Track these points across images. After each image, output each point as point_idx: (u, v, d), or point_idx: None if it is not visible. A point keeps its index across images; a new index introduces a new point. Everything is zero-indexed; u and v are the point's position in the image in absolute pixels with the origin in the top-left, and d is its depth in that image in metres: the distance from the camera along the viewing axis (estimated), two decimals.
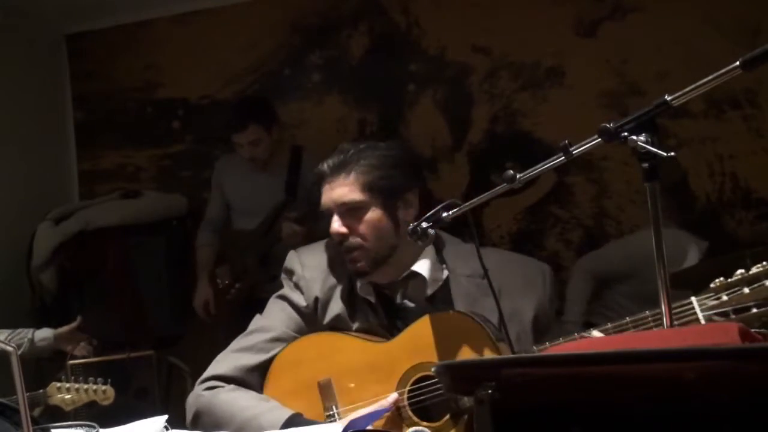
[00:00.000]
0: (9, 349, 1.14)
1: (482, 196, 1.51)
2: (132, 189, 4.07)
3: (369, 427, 1.45)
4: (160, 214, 3.91)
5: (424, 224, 1.53)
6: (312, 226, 3.19)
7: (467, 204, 1.52)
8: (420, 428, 1.49)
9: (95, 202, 4.00)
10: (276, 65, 4.10)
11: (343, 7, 4.02)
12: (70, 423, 1.49)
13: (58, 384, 2.62)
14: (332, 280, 1.72)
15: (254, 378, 1.67)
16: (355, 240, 1.64)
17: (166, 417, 1.44)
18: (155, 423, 1.43)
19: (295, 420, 1.55)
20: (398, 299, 1.71)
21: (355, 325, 1.68)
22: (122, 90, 4.31)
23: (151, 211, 3.90)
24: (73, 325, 2.93)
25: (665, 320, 1.19)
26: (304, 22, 4.07)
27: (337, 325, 1.69)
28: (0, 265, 3.74)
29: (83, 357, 2.98)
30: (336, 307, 1.69)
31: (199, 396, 1.66)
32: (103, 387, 2.66)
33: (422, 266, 1.69)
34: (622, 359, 0.78)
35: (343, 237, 1.65)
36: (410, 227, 1.53)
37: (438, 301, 1.68)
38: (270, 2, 4.10)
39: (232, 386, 1.65)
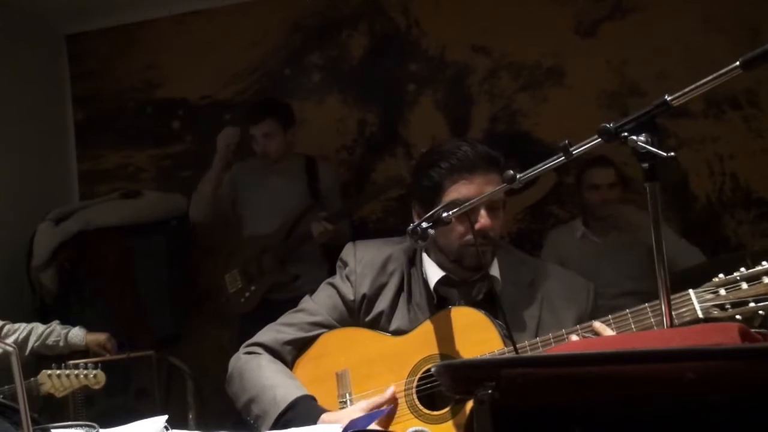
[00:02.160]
0: (9, 349, 1.14)
1: (482, 196, 1.51)
2: (132, 189, 4.07)
3: (369, 427, 1.45)
4: (160, 214, 3.91)
5: (424, 224, 1.53)
6: (340, 223, 3.35)
7: (467, 204, 1.52)
8: (420, 428, 1.49)
9: (95, 202, 4.00)
10: (276, 65, 4.10)
11: (343, 7, 4.02)
12: (70, 423, 1.49)
13: (49, 371, 2.61)
14: (382, 279, 1.76)
15: (288, 351, 1.78)
16: (495, 234, 1.66)
17: (166, 417, 1.44)
18: (155, 423, 1.42)
19: (302, 400, 1.64)
20: (455, 298, 1.74)
21: (394, 326, 1.73)
22: (122, 90, 4.32)
23: (151, 211, 3.90)
24: (102, 338, 3.01)
25: (665, 320, 1.19)
26: (304, 22, 4.07)
27: (377, 323, 1.74)
28: (0, 265, 3.74)
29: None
30: (381, 305, 1.74)
31: (238, 358, 1.78)
32: (94, 371, 2.64)
33: (496, 269, 1.72)
34: (622, 359, 0.77)
35: (489, 230, 1.65)
36: (410, 227, 1.53)
37: (484, 303, 1.69)
38: (270, 2, 4.10)
39: (268, 356, 1.76)
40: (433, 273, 1.72)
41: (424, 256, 1.76)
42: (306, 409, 1.63)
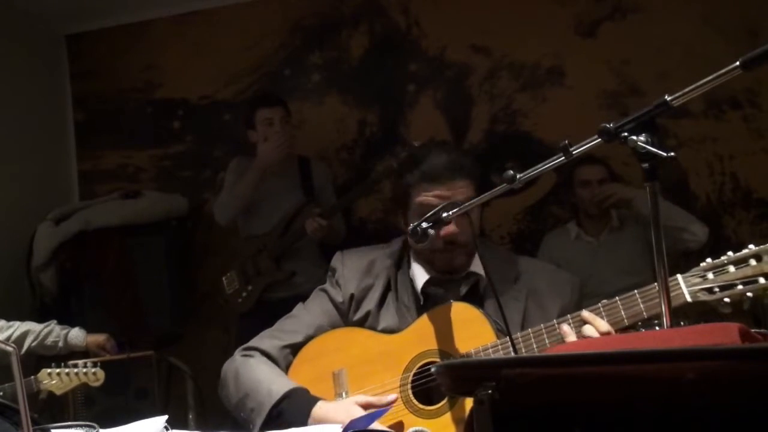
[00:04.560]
0: (9, 349, 1.14)
1: (482, 196, 1.51)
2: (132, 189, 4.07)
3: (369, 427, 1.45)
4: (160, 214, 3.91)
5: (424, 224, 1.54)
6: (334, 219, 3.37)
7: (467, 204, 1.52)
8: (421, 428, 1.50)
9: (95, 202, 4.00)
10: (276, 65, 4.10)
11: (343, 7, 4.02)
12: (70, 423, 1.49)
13: (48, 370, 2.62)
14: (368, 281, 1.83)
15: (284, 355, 1.83)
16: (463, 239, 1.71)
17: (166, 417, 1.44)
18: (155, 423, 1.42)
19: (297, 391, 1.68)
20: (442, 297, 1.77)
21: (382, 324, 1.77)
22: (122, 90, 4.31)
23: (151, 211, 3.90)
24: (101, 339, 3.04)
25: (665, 320, 1.19)
26: (304, 22, 4.07)
27: (365, 322, 1.80)
28: (0, 265, 3.74)
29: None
30: (368, 305, 1.81)
31: (233, 360, 1.83)
32: (93, 369, 2.64)
33: (478, 266, 1.75)
34: (622, 359, 0.77)
35: (455, 236, 1.71)
36: (410, 227, 1.56)
37: (467, 298, 1.74)
38: (270, 2, 4.10)
39: (262, 357, 1.81)
40: (421, 275, 1.78)
41: (412, 258, 1.83)
42: (300, 398, 1.67)
